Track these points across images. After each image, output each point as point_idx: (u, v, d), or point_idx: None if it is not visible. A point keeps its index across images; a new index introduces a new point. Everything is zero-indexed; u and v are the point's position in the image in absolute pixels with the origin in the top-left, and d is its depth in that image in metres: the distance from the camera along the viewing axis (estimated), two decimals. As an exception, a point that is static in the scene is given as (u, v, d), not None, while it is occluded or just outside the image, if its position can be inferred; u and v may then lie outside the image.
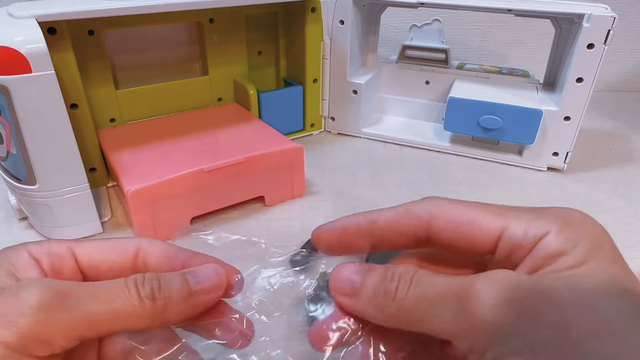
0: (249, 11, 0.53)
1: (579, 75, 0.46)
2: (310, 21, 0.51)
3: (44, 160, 0.35)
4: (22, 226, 0.40)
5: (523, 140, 0.50)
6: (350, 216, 0.22)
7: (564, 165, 0.51)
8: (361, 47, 0.58)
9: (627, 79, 0.81)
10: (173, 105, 0.51)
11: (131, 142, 0.44)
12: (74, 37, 0.39)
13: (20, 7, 0.35)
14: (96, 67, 0.45)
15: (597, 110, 0.67)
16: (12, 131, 0.33)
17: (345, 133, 0.59)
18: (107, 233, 0.40)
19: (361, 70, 0.59)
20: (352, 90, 0.56)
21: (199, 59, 0.53)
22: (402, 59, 0.60)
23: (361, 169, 0.51)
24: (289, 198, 0.45)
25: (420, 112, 0.61)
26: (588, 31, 0.44)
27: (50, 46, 0.32)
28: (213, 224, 0.41)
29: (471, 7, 0.50)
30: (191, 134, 0.46)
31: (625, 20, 0.75)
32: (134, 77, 0.50)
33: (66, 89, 0.36)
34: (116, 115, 0.48)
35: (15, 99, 0.32)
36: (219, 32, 0.51)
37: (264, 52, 0.57)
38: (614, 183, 0.49)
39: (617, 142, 0.60)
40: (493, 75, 0.56)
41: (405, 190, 0.47)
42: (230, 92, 0.55)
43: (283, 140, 0.44)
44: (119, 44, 0.47)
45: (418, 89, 0.60)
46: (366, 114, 0.59)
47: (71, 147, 0.35)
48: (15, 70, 0.31)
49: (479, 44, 0.77)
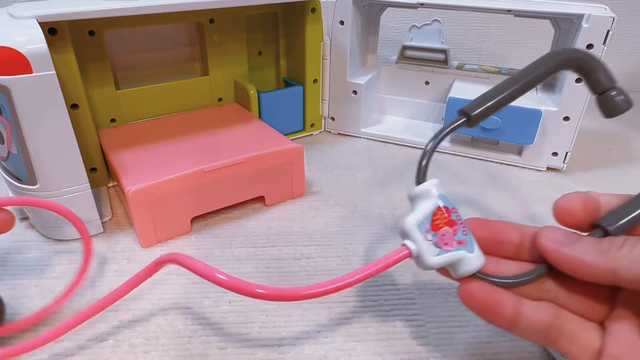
0: (250, 12, 0.53)
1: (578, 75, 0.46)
2: (310, 21, 0.51)
3: (45, 160, 0.35)
4: (22, 226, 0.41)
5: (522, 141, 0.50)
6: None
7: (563, 166, 0.51)
8: (361, 47, 0.58)
9: (627, 79, 0.81)
10: (173, 105, 0.52)
11: (132, 142, 0.44)
12: (74, 37, 0.39)
13: (20, 8, 0.35)
14: (97, 67, 0.45)
15: (597, 111, 0.67)
16: (13, 131, 0.34)
17: (345, 133, 0.60)
18: (108, 233, 0.40)
19: (361, 71, 0.59)
20: (352, 91, 0.56)
21: (199, 59, 0.53)
22: (402, 60, 0.60)
23: (361, 169, 0.51)
24: (289, 198, 0.45)
25: (420, 112, 0.61)
26: (587, 32, 0.44)
27: (50, 46, 0.32)
28: (213, 224, 0.41)
29: (471, 7, 0.50)
30: (191, 134, 0.46)
31: (625, 20, 0.75)
32: (134, 77, 0.50)
33: (67, 89, 0.36)
34: (117, 115, 0.48)
35: (16, 99, 0.32)
36: (220, 32, 0.51)
37: (264, 53, 0.57)
38: (613, 183, 0.50)
39: (617, 142, 0.60)
40: (492, 76, 0.56)
41: (405, 190, 0.47)
42: (230, 92, 0.55)
43: (283, 141, 0.44)
44: (119, 44, 0.48)
45: (418, 89, 0.60)
46: (366, 114, 0.59)
47: (72, 147, 0.35)
48: (15, 71, 0.31)
49: (479, 45, 0.77)
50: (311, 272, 0.35)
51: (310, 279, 0.35)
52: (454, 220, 0.24)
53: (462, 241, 0.23)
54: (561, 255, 0.21)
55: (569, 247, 0.20)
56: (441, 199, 0.24)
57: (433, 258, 0.23)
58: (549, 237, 0.21)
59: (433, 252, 0.23)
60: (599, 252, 0.19)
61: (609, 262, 0.19)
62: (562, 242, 0.21)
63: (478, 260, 0.23)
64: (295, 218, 0.42)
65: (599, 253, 0.19)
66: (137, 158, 0.41)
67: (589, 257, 0.19)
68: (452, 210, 0.24)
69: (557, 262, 0.21)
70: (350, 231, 0.40)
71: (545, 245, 0.21)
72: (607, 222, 0.22)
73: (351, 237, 0.39)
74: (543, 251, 0.22)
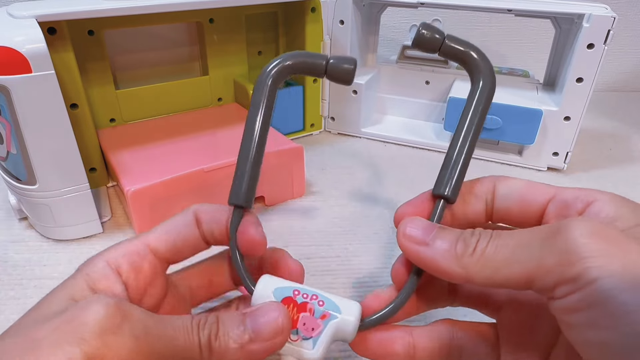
0: (249, 11, 0.53)
1: (579, 75, 0.46)
2: (310, 21, 0.51)
3: (44, 160, 0.35)
4: (22, 226, 0.40)
5: (523, 140, 0.50)
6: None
7: (564, 165, 0.51)
8: (361, 47, 0.58)
9: (627, 79, 0.81)
10: (173, 105, 0.51)
11: (131, 142, 0.44)
12: (74, 37, 0.39)
13: (20, 7, 0.35)
14: (96, 67, 0.45)
15: (597, 110, 0.67)
16: (12, 131, 0.33)
17: (345, 133, 0.59)
18: (107, 233, 0.40)
19: (361, 70, 0.59)
20: (352, 90, 0.56)
21: (199, 59, 0.53)
22: (402, 59, 0.60)
23: (361, 169, 0.51)
24: (289, 198, 0.45)
25: (420, 112, 0.61)
26: (588, 31, 0.44)
27: (50, 46, 0.32)
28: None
29: (471, 7, 0.50)
30: (191, 134, 0.46)
31: (625, 20, 0.75)
32: (134, 77, 0.50)
33: (66, 89, 0.36)
34: (116, 115, 0.48)
35: (15, 99, 0.32)
36: (219, 32, 0.51)
37: (264, 52, 0.57)
38: (614, 183, 0.49)
39: (617, 142, 0.60)
40: (493, 75, 0.56)
41: (405, 190, 0.47)
42: (230, 92, 0.55)
43: (283, 140, 0.44)
44: (119, 44, 0.47)
45: (418, 89, 0.60)
46: (366, 114, 0.59)
47: (71, 147, 0.35)
48: (15, 70, 0.31)
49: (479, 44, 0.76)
50: (311, 272, 0.35)
51: (310, 279, 0.35)
52: (304, 302, 0.21)
53: (324, 313, 0.21)
54: (419, 257, 0.20)
55: (426, 248, 0.20)
56: (275, 294, 0.21)
57: (312, 352, 0.20)
58: (406, 234, 0.21)
59: (308, 346, 0.21)
60: (454, 257, 0.19)
61: (462, 270, 0.19)
62: (419, 240, 0.20)
63: (351, 313, 0.21)
64: (295, 218, 0.42)
65: (454, 259, 0.19)
66: (136, 158, 0.41)
67: (444, 263, 0.19)
68: (294, 294, 0.21)
69: (416, 262, 0.21)
70: (350, 231, 0.40)
71: (403, 245, 0.21)
72: (443, 189, 0.22)
73: (351, 237, 0.39)
74: (402, 250, 0.21)
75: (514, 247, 0.18)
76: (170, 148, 0.43)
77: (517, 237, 0.18)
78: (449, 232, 0.20)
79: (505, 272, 0.18)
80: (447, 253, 0.19)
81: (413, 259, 0.21)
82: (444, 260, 0.19)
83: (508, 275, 0.18)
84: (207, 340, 0.19)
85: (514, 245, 0.18)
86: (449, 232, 0.20)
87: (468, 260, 0.19)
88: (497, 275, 0.18)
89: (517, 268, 0.17)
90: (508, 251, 0.18)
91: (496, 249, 0.18)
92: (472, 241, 0.19)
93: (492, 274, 0.18)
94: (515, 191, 0.22)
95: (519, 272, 0.17)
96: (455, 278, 0.19)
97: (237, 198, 0.23)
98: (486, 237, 0.19)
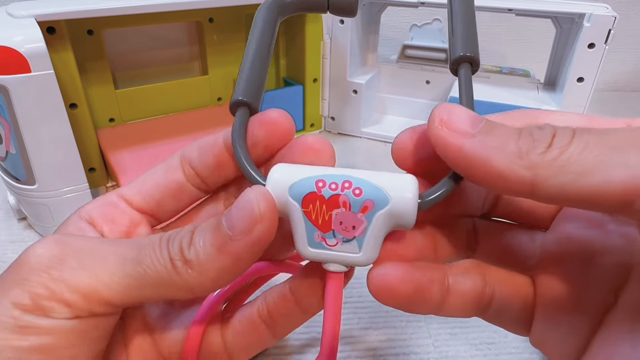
0: (249, 11, 0.52)
1: (580, 74, 0.46)
2: (310, 21, 0.51)
3: (43, 160, 0.35)
4: (21, 226, 0.40)
5: (523, 140, 0.50)
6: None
7: (564, 165, 0.51)
8: (361, 46, 0.58)
9: (628, 79, 0.81)
10: (173, 105, 0.51)
11: (131, 142, 0.44)
12: (73, 36, 0.39)
13: (19, 7, 0.35)
14: (95, 66, 0.45)
15: (598, 110, 0.67)
16: (11, 131, 0.33)
17: (345, 133, 0.59)
18: (107, 233, 0.39)
19: (361, 70, 0.59)
20: (352, 90, 0.56)
21: (198, 58, 0.53)
22: (403, 59, 0.60)
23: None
24: (288, 198, 0.45)
25: (421, 112, 0.60)
26: (589, 31, 0.44)
27: (49, 46, 0.32)
28: (213, 224, 0.41)
29: (471, 6, 0.50)
30: (191, 134, 0.46)
31: (626, 19, 0.75)
32: (133, 76, 0.49)
33: (65, 89, 0.36)
34: (115, 115, 0.48)
35: (14, 99, 0.32)
36: (219, 31, 0.51)
37: (264, 52, 0.57)
38: (614, 183, 0.49)
39: (618, 142, 0.60)
40: (493, 75, 0.56)
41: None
42: (230, 92, 0.55)
43: (283, 140, 0.44)
44: (118, 43, 0.47)
45: (418, 89, 0.59)
46: (366, 113, 0.59)
47: (70, 147, 0.35)
48: (14, 70, 0.31)
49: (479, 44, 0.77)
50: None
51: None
52: (333, 195, 0.16)
53: (364, 204, 0.16)
54: (462, 153, 0.14)
55: (474, 140, 0.14)
56: (292, 191, 0.17)
57: (359, 256, 0.16)
58: (445, 121, 0.15)
59: (352, 249, 0.16)
60: (515, 154, 0.13)
61: (527, 172, 0.13)
62: (463, 130, 0.14)
63: (405, 189, 0.16)
64: (295, 218, 0.42)
65: (515, 156, 0.13)
66: (136, 158, 0.41)
67: (501, 161, 0.13)
68: (317, 186, 0.16)
69: (456, 162, 0.14)
70: (351, 231, 0.40)
71: (438, 136, 0.15)
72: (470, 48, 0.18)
73: (351, 238, 0.39)
74: (436, 145, 0.15)
75: (616, 145, 0.12)
76: (169, 148, 0.43)
77: (621, 133, 0.13)
78: (502, 125, 0.14)
79: (597, 178, 0.12)
80: (507, 148, 0.13)
81: (452, 156, 0.14)
82: (501, 157, 0.13)
83: (601, 185, 0.12)
84: (179, 251, 0.15)
85: (616, 143, 0.12)
86: (503, 125, 0.14)
87: (538, 159, 0.13)
88: (581, 183, 0.12)
89: (618, 174, 0.12)
90: (606, 150, 0.12)
91: (586, 147, 0.13)
92: (543, 135, 0.13)
93: (573, 180, 0.12)
94: None
95: (621, 181, 0.12)
96: (514, 185, 0.13)
97: (241, 94, 0.19)
98: (566, 132, 0.13)
